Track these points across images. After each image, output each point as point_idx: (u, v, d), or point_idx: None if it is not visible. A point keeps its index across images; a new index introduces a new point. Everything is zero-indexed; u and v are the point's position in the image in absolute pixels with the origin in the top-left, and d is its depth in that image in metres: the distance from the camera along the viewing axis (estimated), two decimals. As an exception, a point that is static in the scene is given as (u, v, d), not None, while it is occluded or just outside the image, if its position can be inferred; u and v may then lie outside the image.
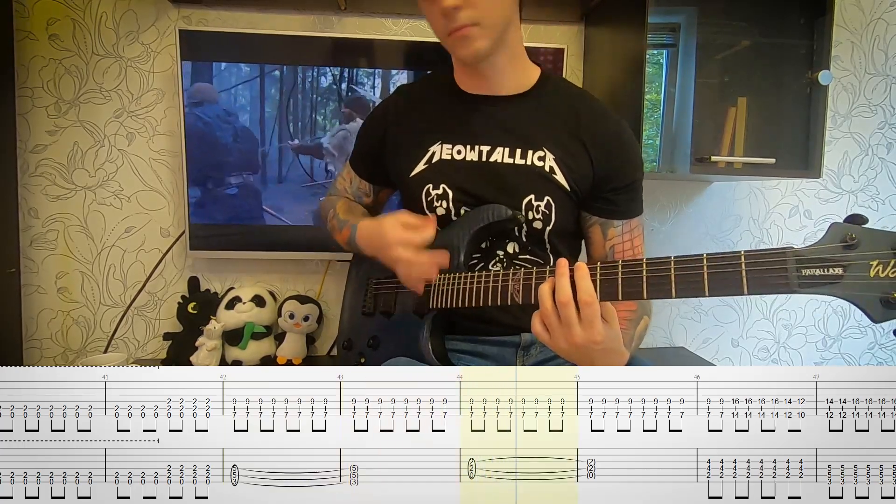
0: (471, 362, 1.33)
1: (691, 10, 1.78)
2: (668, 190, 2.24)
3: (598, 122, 1.27)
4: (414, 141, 1.33)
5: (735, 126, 1.80)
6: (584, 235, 1.36)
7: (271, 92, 1.90)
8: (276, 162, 1.94)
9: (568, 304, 0.91)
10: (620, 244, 1.29)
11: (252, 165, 1.93)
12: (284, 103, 1.91)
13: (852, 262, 0.71)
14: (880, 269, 0.70)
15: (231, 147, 1.91)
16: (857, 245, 0.71)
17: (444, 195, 1.27)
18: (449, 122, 1.31)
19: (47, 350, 2.05)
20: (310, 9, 2.02)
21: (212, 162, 1.91)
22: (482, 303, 1.10)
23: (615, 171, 1.26)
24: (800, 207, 2.29)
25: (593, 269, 0.93)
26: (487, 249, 1.28)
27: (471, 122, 1.29)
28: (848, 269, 0.71)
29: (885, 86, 2.25)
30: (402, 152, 1.34)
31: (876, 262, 0.70)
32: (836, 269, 0.72)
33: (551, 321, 0.94)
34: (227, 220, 1.95)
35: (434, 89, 1.38)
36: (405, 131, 1.35)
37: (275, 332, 2.05)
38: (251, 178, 1.93)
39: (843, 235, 0.72)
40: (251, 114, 1.91)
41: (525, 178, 1.25)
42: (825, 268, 0.72)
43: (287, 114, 1.92)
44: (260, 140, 1.92)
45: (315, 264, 2.12)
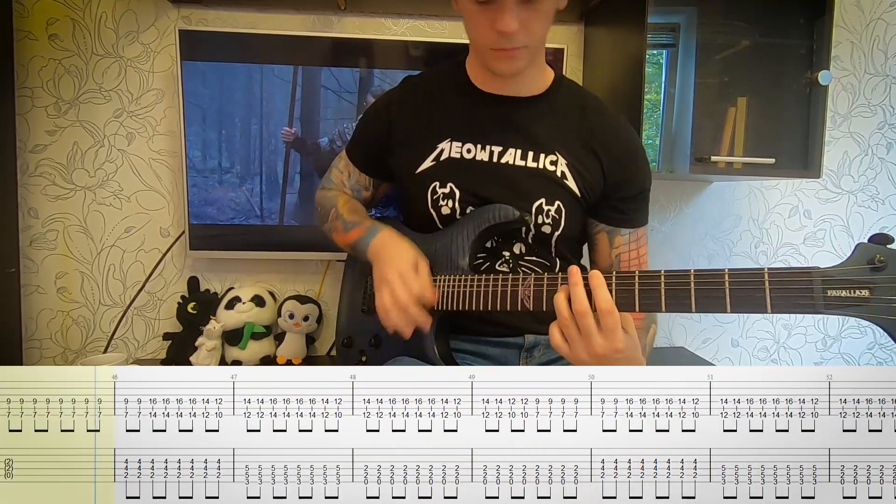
0: (474, 363, 1.32)
1: (691, 10, 1.79)
2: (668, 190, 2.24)
3: (611, 131, 1.27)
4: (421, 136, 1.30)
5: (735, 126, 1.80)
6: (589, 242, 1.35)
7: (271, 91, 1.90)
8: (276, 162, 1.93)
9: (586, 314, 0.90)
10: (627, 253, 1.29)
11: (252, 165, 1.92)
12: (284, 103, 1.91)
13: (879, 285, 0.70)
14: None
15: (231, 147, 1.91)
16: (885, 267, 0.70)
17: (450, 194, 1.26)
18: (460, 120, 1.29)
19: (47, 350, 2.04)
20: (310, 9, 2.01)
21: (211, 162, 1.91)
22: (490, 307, 1.10)
23: (626, 180, 1.26)
24: (799, 207, 2.30)
25: (609, 279, 0.92)
26: (493, 249, 1.28)
27: (483, 120, 1.28)
28: (874, 291, 0.70)
29: (884, 86, 2.26)
30: (409, 147, 1.32)
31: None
32: (862, 290, 0.71)
33: (570, 332, 0.93)
34: (226, 220, 1.94)
35: (444, 83, 1.35)
36: (412, 126, 1.32)
37: (274, 332, 2.04)
38: (251, 177, 1.93)
39: (871, 256, 0.71)
40: (251, 114, 1.90)
41: (536, 182, 1.24)
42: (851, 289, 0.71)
43: (289, 113, 1.91)
44: (259, 140, 1.91)
45: (315, 264, 2.11)
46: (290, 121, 1.91)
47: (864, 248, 0.71)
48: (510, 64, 1.15)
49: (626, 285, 0.92)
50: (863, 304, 0.71)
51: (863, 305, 0.71)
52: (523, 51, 1.14)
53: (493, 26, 1.08)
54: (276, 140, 1.91)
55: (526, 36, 1.11)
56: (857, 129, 2.27)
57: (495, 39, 1.11)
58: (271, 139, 1.91)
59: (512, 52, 1.13)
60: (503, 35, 1.09)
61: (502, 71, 1.18)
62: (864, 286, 0.71)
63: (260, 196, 1.94)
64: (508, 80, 1.25)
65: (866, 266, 0.71)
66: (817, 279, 0.74)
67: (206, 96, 1.88)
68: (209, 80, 1.87)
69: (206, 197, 1.92)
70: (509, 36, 1.09)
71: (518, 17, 1.07)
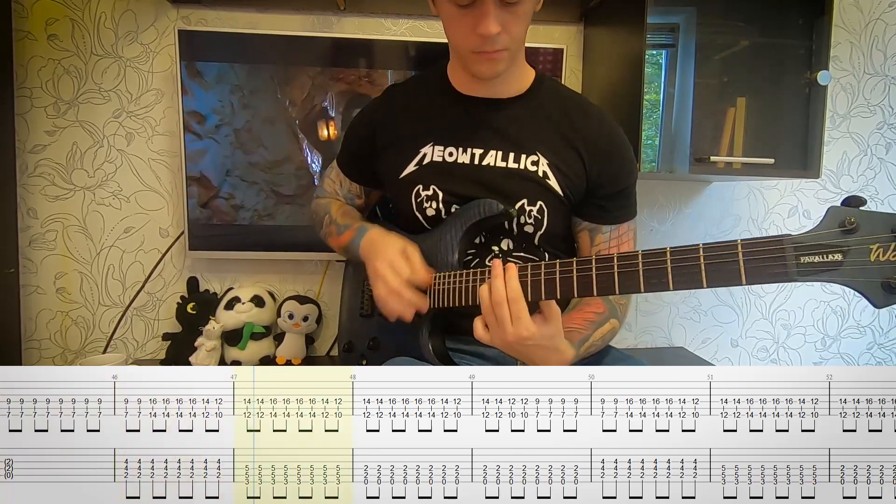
0: (471, 362, 1.32)
1: (690, 10, 1.79)
2: (667, 190, 2.24)
3: (592, 126, 1.26)
4: (404, 142, 1.32)
5: (734, 126, 1.80)
6: (574, 239, 1.36)
7: (271, 91, 1.90)
8: (276, 162, 1.93)
9: (501, 304, 0.98)
10: (607, 250, 1.29)
11: (251, 165, 1.92)
12: (284, 103, 1.91)
13: (852, 247, 0.69)
14: (881, 253, 0.68)
15: (231, 147, 1.91)
16: (857, 229, 0.69)
17: (433, 196, 1.27)
18: (441, 124, 1.30)
19: (46, 350, 2.04)
20: (309, 9, 2.01)
21: (211, 162, 1.91)
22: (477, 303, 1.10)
23: (608, 176, 1.26)
24: (799, 207, 2.30)
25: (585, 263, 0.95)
26: (482, 245, 1.28)
27: (464, 124, 1.29)
28: (847, 254, 0.69)
29: (883, 86, 2.26)
30: (392, 153, 1.33)
31: (876, 245, 0.68)
32: (835, 254, 0.70)
33: (489, 320, 1.01)
34: (226, 220, 1.94)
35: (426, 89, 1.36)
36: (395, 132, 1.34)
37: (274, 333, 2.04)
38: (251, 178, 1.93)
39: (842, 219, 0.70)
40: (251, 113, 1.90)
41: (518, 183, 1.24)
42: (824, 254, 0.71)
43: (287, 114, 1.91)
44: (259, 140, 1.91)
45: (314, 264, 2.11)
46: (291, 120, 1.91)
47: (835, 212, 0.70)
48: (491, 67, 1.16)
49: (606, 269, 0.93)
50: (836, 269, 0.70)
51: (836, 269, 0.70)
52: (504, 53, 1.14)
53: (475, 29, 1.09)
54: (274, 139, 1.91)
55: (507, 38, 1.12)
56: (856, 129, 2.27)
57: (477, 42, 1.12)
58: (271, 139, 1.91)
59: (493, 55, 1.14)
60: (484, 38, 1.09)
61: (484, 74, 1.18)
62: (836, 250, 0.70)
63: (260, 196, 1.94)
64: (489, 82, 1.25)
65: (837, 229, 0.70)
66: (789, 246, 0.73)
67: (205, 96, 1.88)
68: (209, 81, 1.87)
69: (206, 197, 1.92)
70: (491, 39, 1.10)
71: (498, 19, 1.08)
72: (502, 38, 1.11)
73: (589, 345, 1.17)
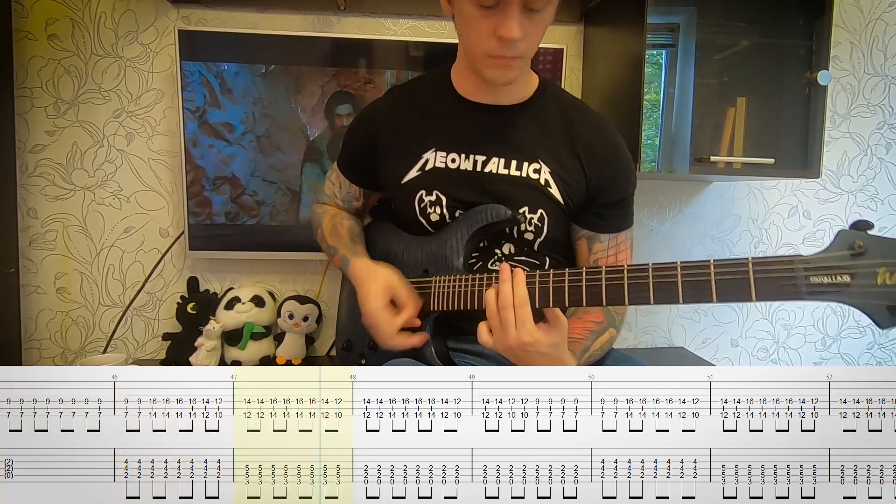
0: (473, 363, 1.33)
1: (691, 10, 1.78)
2: (667, 190, 2.24)
3: (595, 135, 1.26)
4: (406, 146, 1.31)
5: (734, 126, 1.80)
6: (573, 246, 1.36)
7: (271, 91, 1.90)
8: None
9: (507, 308, 0.98)
10: (605, 259, 1.30)
11: (251, 165, 1.92)
12: (284, 103, 1.91)
13: (860, 270, 0.72)
14: (887, 277, 0.71)
15: (230, 147, 1.91)
16: (865, 253, 0.72)
17: (437, 201, 1.27)
18: (444, 129, 1.29)
19: (46, 350, 2.04)
20: (309, 9, 2.01)
21: (211, 162, 1.91)
22: (481, 306, 1.10)
23: (609, 185, 1.26)
24: (799, 207, 2.30)
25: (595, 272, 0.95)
26: (485, 249, 1.28)
27: (467, 130, 1.28)
28: (855, 276, 0.72)
29: (883, 86, 2.26)
30: (394, 157, 1.32)
31: (883, 269, 0.71)
32: (843, 276, 0.73)
33: (493, 324, 1.01)
34: (226, 220, 1.94)
35: (429, 92, 1.35)
36: (397, 135, 1.33)
37: (274, 333, 2.04)
38: (251, 178, 1.93)
39: (851, 243, 0.72)
40: (250, 113, 1.90)
41: (519, 191, 1.24)
42: (833, 275, 0.73)
43: (289, 113, 1.91)
44: (259, 139, 1.91)
45: (314, 264, 2.11)
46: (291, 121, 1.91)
47: (844, 235, 0.73)
48: (505, 73, 1.15)
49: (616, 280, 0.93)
50: (844, 290, 0.73)
51: (844, 291, 0.73)
52: (519, 61, 1.13)
53: (496, 32, 1.07)
54: (275, 140, 1.92)
55: (525, 45, 1.11)
56: (856, 129, 2.27)
57: (495, 46, 1.10)
58: (271, 139, 1.92)
59: (509, 61, 1.12)
60: (505, 42, 1.07)
61: (497, 80, 1.16)
62: (845, 272, 0.73)
63: (260, 196, 1.94)
64: (495, 88, 1.23)
65: (847, 252, 0.73)
66: (799, 266, 0.75)
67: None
68: (208, 80, 1.87)
69: (206, 197, 1.92)
70: (511, 43, 1.08)
71: (521, 24, 1.06)
72: (521, 45, 1.10)
73: (589, 355, 1.17)
